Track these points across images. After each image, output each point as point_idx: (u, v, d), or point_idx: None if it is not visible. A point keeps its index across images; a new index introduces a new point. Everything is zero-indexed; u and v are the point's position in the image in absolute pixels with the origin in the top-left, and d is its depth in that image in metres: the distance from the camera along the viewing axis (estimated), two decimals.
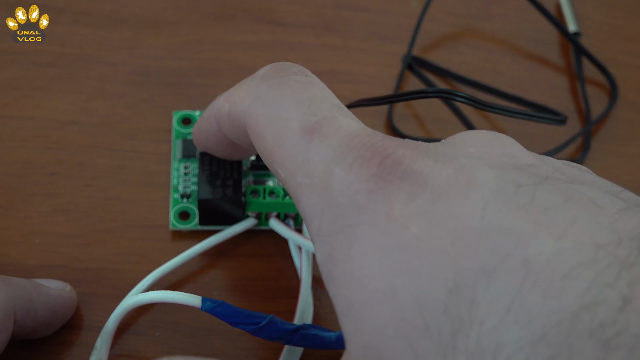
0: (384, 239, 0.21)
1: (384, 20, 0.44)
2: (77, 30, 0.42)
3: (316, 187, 0.24)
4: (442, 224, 0.21)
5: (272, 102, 0.26)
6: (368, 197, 0.22)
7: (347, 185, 0.23)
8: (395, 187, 0.22)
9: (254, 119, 0.27)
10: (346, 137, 0.24)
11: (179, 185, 0.37)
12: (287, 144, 0.25)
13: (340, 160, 0.23)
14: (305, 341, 0.30)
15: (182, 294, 0.30)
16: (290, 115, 0.26)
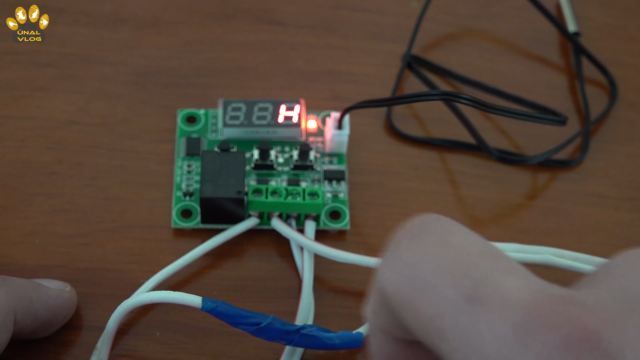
0: None
1: (384, 20, 0.44)
2: (77, 30, 0.42)
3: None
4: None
5: (416, 266, 0.22)
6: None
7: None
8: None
9: (396, 288, 0.23)
10: (516, 300, 0.20)
11: (182, 183, 0.37)
12: (448, 315, 0.21)
13: (521, 335, 0.20)
14: (306, 341, 0.30)
15: (183, 294, 0.30)
16: (441, 282, 0.22)
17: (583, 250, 0.35)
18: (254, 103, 0.38)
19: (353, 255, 0.34)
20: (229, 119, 0.38)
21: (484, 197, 0.38)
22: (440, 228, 0.23)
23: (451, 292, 0.21)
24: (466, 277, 0.21)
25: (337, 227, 0.36)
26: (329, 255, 0.34)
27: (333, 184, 0.37)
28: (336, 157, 0.38)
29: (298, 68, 0.42)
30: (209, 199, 0.34)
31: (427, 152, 0.40)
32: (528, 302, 0.20)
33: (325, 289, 0.35)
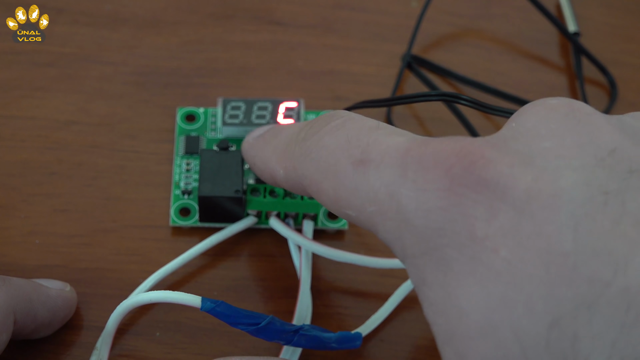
0: (475, 266, 0.20)
1: (384, 20, 0.44)
2: (77, 30, 0.42)
3: (387, 212, 0.23)
4: (532, 246, 0.19)
5: (317, 156, 0.26)
6: (444, 215, 0.21)
7: (419, 204, 0.22)
8: (471, 201, 0.21)
9: (309, 179, 0.26)
10: (398, 154, 0.23)
11: (181, 181, 0.37)
12: (346, 184, 0.24)
13: (402, 180, 0.22)
14: (305, 341, 0.30)
15: (182, 294, 0.30)
16: (336, 158, 0.25)
17: None
18: (254, 102, 0.38)
19: (351, 255, 0.34)
20: (228, 117, 0.38)
21: None
22: (340, 117, 0.27)
23: (345, 163, 0.25)
24: (356, 148, 0.24)
25: (335, 227, 0.36)
26: (326, 254, 0.34)
27: None
28: None
29: (298, 68, 0.42)
30: (208, 197, 0.34)
31: None
32: (407, 148, 0.23)
33: (324, 289, 0.35)
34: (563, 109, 0.22)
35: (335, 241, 0.36)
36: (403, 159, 0.23)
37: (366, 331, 0.33)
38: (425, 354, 0.33)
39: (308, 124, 0.28)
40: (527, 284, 0.19)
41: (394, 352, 0.33)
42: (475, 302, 0.20)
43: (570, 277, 0.19)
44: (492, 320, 0.20)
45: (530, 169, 0.20)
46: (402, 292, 0.34)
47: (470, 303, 0.20)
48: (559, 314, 0.19)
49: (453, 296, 0.21)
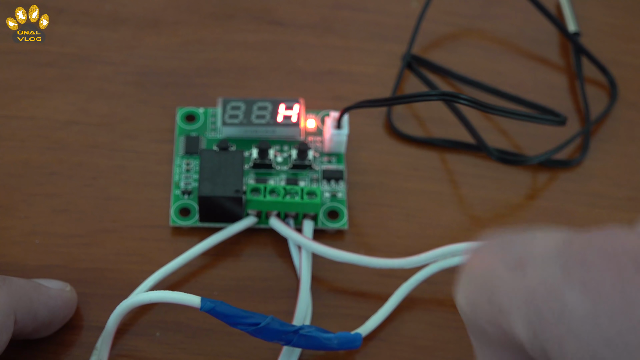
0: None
1: (384, 20, 0.44)
2: (77, 30, 0.42)
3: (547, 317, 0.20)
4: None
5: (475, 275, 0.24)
6: (619, 321, 0.19)
7: (587, 310, 0.19)
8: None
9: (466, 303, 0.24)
10: (557, 250, 0.21)
11: (181, 181, 0.37)
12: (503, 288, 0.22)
13: (567, 279, 0.20)
14: (305, 342, 0.30)
15: (182, 294, 0.30)
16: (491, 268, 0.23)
17: None
18: (253, 102, 0.38)
19: (351, 255, 0.34)
20: (228, 117, 0.38)
21: (484, 197, 0.38)
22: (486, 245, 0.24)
23: (502, 270, 0.22)
24: (510, 252, 0.22)
25: (335, 227, 0.36)
26: (326, 254, 0.34)
27: (331, 183, 0.37)
28: (335, 157, 0.38)
29: (298, 68, 0.42)
30: (207, 197, 0.34)
31: (427, 152, 0.40)
32: (564, 238, 0.21)
33: (324, 289, 0.35)
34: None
35: (335, 241, 0.36)
36: (564, 256, 0.20)
37: (366, 332, 0.33)
38: (425, 354, 0.33)
39: None
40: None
41: (394, 353, 0.33)
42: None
43: None
44: None
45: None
46: (402, 293, 0.34)
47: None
48: None
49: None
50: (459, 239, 0.37)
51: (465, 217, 0.38)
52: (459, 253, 0.34)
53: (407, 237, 0.37)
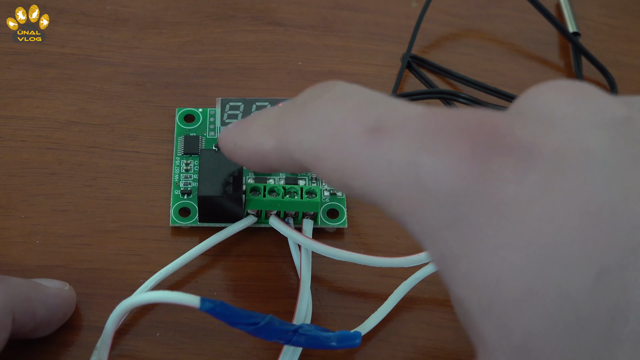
0: (508, 229, 0.20)
1: (384, 21, 0.45)
2: (77, 30, 0.42)
3: (403, 183, 0.22)
4: (567, 201, 0.19)
5: (319, 125, 0.24)
6: (470, 181, 0.20)
7: (440, 173, 0.21)
8: (497, 165, 0.20)
9: (307, 150, 0.25)
10: (416, 123, 0.22)
11: (180, 181, 0.37)
12: (354, 154, 0.23)
13: (422, 149, 0.21)
14: (304, 341, 0.30)
15: (181, 294, 0.30)
16: (343, 126, 0.23)
17: None
18: (252, 102, 0.38)
19: (351, 254, 0.34)
20: (227, 117, 0.38)
21: None
22: (342, 87, 0.25)
23: (354, 132, 0.23)
24: (368, 115, 0.23)
25: (335, 226, 0.36)
26: (326, 253, 0.34)
27: None
28: None
29: (298, 68, 0.42)
30: (207, 197, 0.34)
31: None
32: (425, 115, 0.22)
33: (324, 288, 0.35)
34: (572, 87, 0.22)
35: (335, 240, 0.36)
36: (422, 129, 0.22)
37: (365, 330, 0.33)
38: (425, 353, 0.33)
39: (300, 97, 0.26)
40: (566, 239, 0.19)
41: (394, 352, 0.33)
42: (512, 267, 0.19)
43: (612, 225, 0.19)
44: (534, 282, 0.19)
45: (554, 131, 0.20)
46: (402, 291, 0.34)
47: (507, 269, 0.20)
48: (605, 263, 0.19)
49: (486, 265, 0.20)
50: None
51: None
52: None
53: (407, 237, 0.37)
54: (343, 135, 0.23)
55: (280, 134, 0.26)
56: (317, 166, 0.24)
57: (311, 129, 0.24)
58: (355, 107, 0.24)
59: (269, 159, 0.27)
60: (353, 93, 0.24)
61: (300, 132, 0.25)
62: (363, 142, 0.23)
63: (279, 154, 0.26)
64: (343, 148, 0.23)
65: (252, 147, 0.28)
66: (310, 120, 0.25)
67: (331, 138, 0.24)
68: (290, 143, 0.25)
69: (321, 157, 0.24)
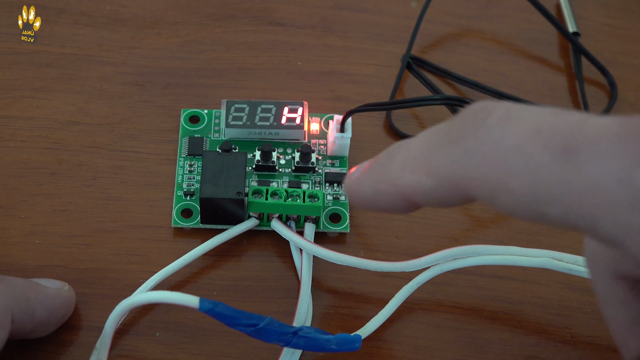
0: None
1: (384, 21, 0.45)
2: (77, 30, 0.42)
3: (617, 201, 0.20)
4: None
5: (493, 154, 0.22)
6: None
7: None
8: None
9: (484, 182, 0.22)
10: (616, 136, 0.20)
11: (183, 183, 0.37)
12: (548, 179, 0.21)
13: (635, 161, 0.20)
14: (304, 343, 0.30)
15: (181, 295, 0.30)
16: (526, 152, 0.22)
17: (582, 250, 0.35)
18: (257, 104, 0.38)
19: (351, 258, 0.34)
20: (231, 119, 0.38)
21: None
22: (500, 108, 0.23)
23: (541, 156, 0.21)
24: (552, 136, 0.21)
25: (337, 230, 0.36)
26: (328, 258, 0.34)
27: (334, 186, 0.37)
28: (338, 160, 0.38)
29: (298, 68, 0.42)
30: (209, 199, 0.34)
31: None
32: (620, 126, 0.20)
33: (324, 290, 0.35)
34: None
35: (336, 244, 0.36)
36: (623, 140, 0.20)
37: (365, 334, 0.33)
38: (425, 354, 0.33)
39: (450, 126, 0.24)
40: None
41: (394, 353, 0.33)
42: None
43: None
44: None
45: None
46: (402, 296, 0.34)
47: None
48: None
49: None
50: (458, 239, 0.37)
51: (465, 217, 0.38)
52: (460, 256, 0.34)
53: (407, 238, 0.37)
54: (528, 162, 0.21)
55: (442, 171, 0.24)
56: (498, 199, 0.22)
57: (484, 161, 0.22)
58: (532, 128, 0.22)
59: (422, 199, 0.25)
60: (518, 112, 0.23)
61: (470, 167, 0.23)
62: (557, 164, 0.21)
63: (438, 193, 0.24)
64: (533, 176, 0.21)
65: (402, 190, 0.25)
66: (480, 152, 0.22)
67: (513, 167, 0.22)
68: (458, 180, 0.23)
69: (505, 189, 0.22)
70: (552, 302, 0.35)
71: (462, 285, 0.35)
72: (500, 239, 0.37)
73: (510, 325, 0.34)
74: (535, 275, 0.36)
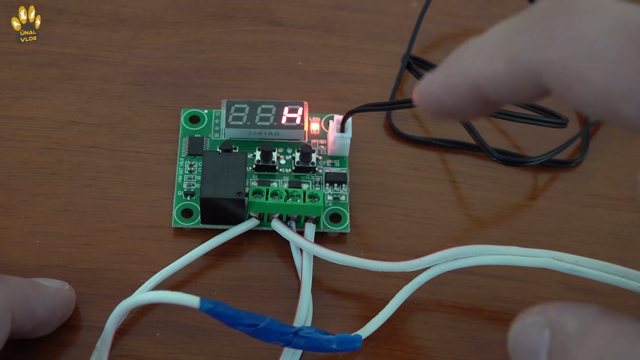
0: None
1: (384, 21, 0.44)
2: (77, 30, 0.42)
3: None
4: None
5: (574, 40, 0.21)
6: None
7: None
8: None
9: (559, 68, 0.21)
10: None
11: (183, 183, 0.37)
12: (631, 74, 0.20)
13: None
14: (304, 343, 0.30)
15: (181, 295, 0.30)
16: (610, 42, 0.21)
17: (583, 250, 0.35)
18: (257, 104, 0.38)
19: (351, 258, 0.34)
20: (231, 119, 0.38)
21: (484, 197, 0.38)
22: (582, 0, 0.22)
23: (627, 47, 0.20)
24: (628, 20, 0.21)
25: (337, 230, 0.36)
26: (328, 257, 0.34)
27: (334, 186, 0.37)
28: (338, 160, 0.38)
29: (298, 68, 0.42)
30: (209, 199, 0.34)
31: (427, 152, 0.40)
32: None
33: (324, 290, 0.35)
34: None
35: (336, 244, 0.36)
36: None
37: (366, 334, 0.33)
38: (425, 354, 0.33)
39: (532, 11, 0.23)
40: None
41: (394, 352, 0.33)
42: None
43: None
44: None
45: None
46: (402, 296, 0.34)
47: None
48: None
49: None
50: (459, 239, 0.37)
51: (465, 217, 0.38)
52: (460, 256, 0.34)
53: (407, 237, 0.37)
54: (610, 51, 0.21)
55: (519, 55, 0.22)
56: (573, 90, 0.21)
57: (564, 45, 0.21)
58: (620, 19, 0.21)
59: (496, 89, 0.23)
60: (607, 2, 0.22)
61: (549, 50, 0.22)
62: (637, 59, 0.20)
63: (513, 81, 0.23)
64: (614, 67, 0.21)
65: (474, 78, 0.23)
66: (564, 36, 0.21)
67: (595, 54, 0.21)
68: (534, 65, 0.22)
69: (582, 79, 0.21)
70: None
71: (462, 285, 0.35)
72: (500, 239, 0.37)
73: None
74: (535, 275, 0.36)
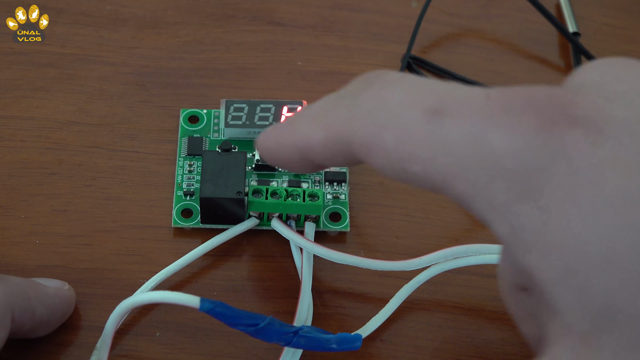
0: (584, 194, 0.20)
1: (384, 21, 0.45)
2: (77, 30, 0.42)
3: (469, 161, 0.22)
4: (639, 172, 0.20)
5: (375, 109, 0.24)
6: (541, 153, 0.21)
7: (511, 146, 0.21)
8: (569, 137, 0.21)
9: (362, 135, 0.24)
10: (479, 102, 0.22)
11: (183, 182, 0.37)
12: (415, 137, 0.23)
13: (489, 126, 0.21)
14: (304, 343, 0.30)
15: (181, 295, 0.30)
16: (402, 109, 0.23)
17: None
18: (257, 104, 0.38)
19: (351, 257, 0.34)
20: (230, 119, 0.38)
21: None
22: (394, 74, 0.25)
23: (414, 113, 0.23)
24: (430, 96, 0.23)
25: (337, 229, 0.36)
26: (328, 257, 0.34)
27: (334, 185, 0.37)
28: None
29: (298, 68, 0.42)
30: (209, 199, 0.34)
31: None
32: (486, 95, 0.22)
33: (325, 290, 0.35)
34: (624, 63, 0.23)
35: (336, 243, 0.36)
36: (486, 106, 0.22)
37: (366, 333, 0.33)
38: (425, 354, 0.33)
39: (347, 88, 0.26)
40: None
41: (394, 353, 0.33)
42: (593, 232, 0.20)
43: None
44: (614, 246, 0.20)
45: (619, 104, 0.21)
46: (403, 295, 0.34)
47: (589, 233, 0.20)
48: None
49: (566, 231, 0.20)
50: (459, 239, 0.37)
51: (465, 217, 0.38)
52: (461, 255, 0.34)
53: (407, 237, 0.37)
54: (401, 118, 0.23)
55: (331, 124, 0.25)
56: (372, 154, 0.24)
57: (365, 115, 0.24)
58: (412, 90, 0.23)
59: (315, 154, 0.26)
60: (405, 78, 0.24)
61: (354, 120, 0.24)
62: (423, 123, 0.22)
63: (327, 147, 0.26)
64: (402, 131, 0.23)
65: (298, 142, 0.27)
66: (365, 108, 0.24)
67: (388, 122, 0.23)
68: (343, 132, 0.25)
69: (377, 144, 0.23)
70: None
71: (462, 285, 0.35)
72: None
73: (510, 325, 0.34)
74: None
